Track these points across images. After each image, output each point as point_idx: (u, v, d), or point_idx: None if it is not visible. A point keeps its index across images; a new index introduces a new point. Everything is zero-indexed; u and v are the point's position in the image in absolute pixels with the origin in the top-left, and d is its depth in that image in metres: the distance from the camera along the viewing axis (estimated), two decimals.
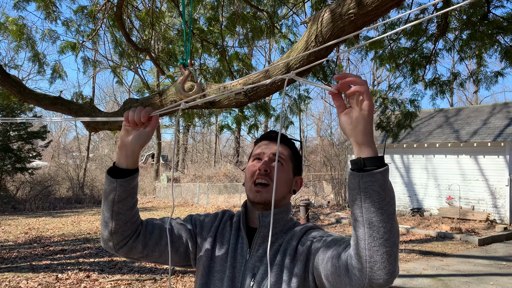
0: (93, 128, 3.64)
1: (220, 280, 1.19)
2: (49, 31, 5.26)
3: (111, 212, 1.13)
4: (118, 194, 1.12)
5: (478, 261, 7.97)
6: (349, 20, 2.04)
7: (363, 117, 0.93)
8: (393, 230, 0.92)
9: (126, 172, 1.13)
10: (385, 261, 0.92)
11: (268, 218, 1.20)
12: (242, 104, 2.67)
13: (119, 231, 1.15)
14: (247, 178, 1.26)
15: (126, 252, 1.19)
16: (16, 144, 17.52)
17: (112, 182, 1.11)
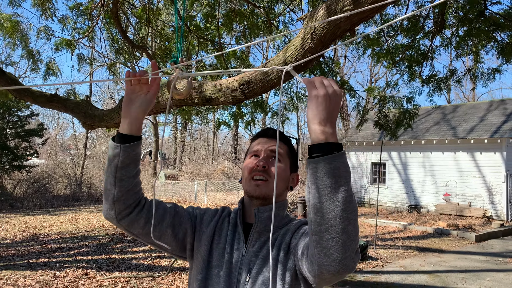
0: (89, 126, 3.62)
1: (217, 275, 1.20)
2: (44, 28, 5.24)
3: (114, 178, 1.14)
4: (121, 160, 1.12)
5: (475, 257, 8.01)
6: (345, 16, 2.04)
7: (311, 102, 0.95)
8: (340, 217, 0.90)
9: (130, 138, 1.14)
10: (331, 247, 0.91)
11: (264, 214, 1.22)
12: (239, 101, 2.67)
13: (122, 199, 1.15)
14: (245, 174, 1.27)
15: (128, 225, 1.18)
16: (13, 142, 17.45)
17: (115, 147, 1.13)
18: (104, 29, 5.62)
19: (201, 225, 1.29)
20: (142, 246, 8.47)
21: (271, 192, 1.22)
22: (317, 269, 0.96)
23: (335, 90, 0.96)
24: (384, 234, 10.42)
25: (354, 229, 0.93)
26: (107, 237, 9.45)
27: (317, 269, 0.96)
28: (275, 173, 1.08)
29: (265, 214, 1.22)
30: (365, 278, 6.33)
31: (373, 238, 9.12)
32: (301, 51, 2.28)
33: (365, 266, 7.07)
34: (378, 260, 7.47)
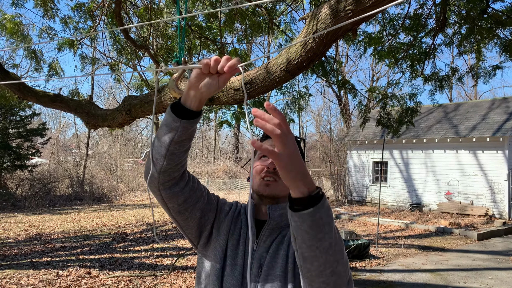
0: (92, 125, 3.64)
1: (232, 267, 1.21)
2: (46, 28, 5.25)
3: (165, 151, 1.10)
4: (178, 135, 1.08)
5: (477, 255, 8.01)
6: (347, 16, 2.05)
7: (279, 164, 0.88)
8: (328, 262, 0.92)
9: (190, 114, 1.08)
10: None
11: (277, 212, 1.25)
12: (241, 101, 2.68)
13: (169, 171, 1.13)
14: (254, 174, 1.29)
15: (168, 197, 1.17)
16: (15, 142, 17.50)
17: (175, 121, 1.07)
18: (106, 29, 5.63)
19: (221, 215, 1.31)
20: (145, 245, 8.50)
21: (280, 192, 1.26)
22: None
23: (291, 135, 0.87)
24: (386, 233, 10.42)
25: (343, 267, 0.95)
26: (110, 236, 9.48)
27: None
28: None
29: (278, 212, 1.25)
30: (367, 277, 6.34)
31: (375, 236, 9.12)
32: (303, 50, 2.29)
33: (367, 264, 7.07)
34: (380, 259, 7.48)
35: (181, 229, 1.28)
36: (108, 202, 18.24)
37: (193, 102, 1.07)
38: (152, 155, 1.13)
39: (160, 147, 1.11)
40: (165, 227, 11.07)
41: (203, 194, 1.26)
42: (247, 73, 2.58)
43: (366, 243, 7.43)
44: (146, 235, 9.70)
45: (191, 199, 1.21)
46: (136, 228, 10.72)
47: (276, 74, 2.41)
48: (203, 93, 1.05)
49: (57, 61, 5.31)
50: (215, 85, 1.04)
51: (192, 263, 6.95)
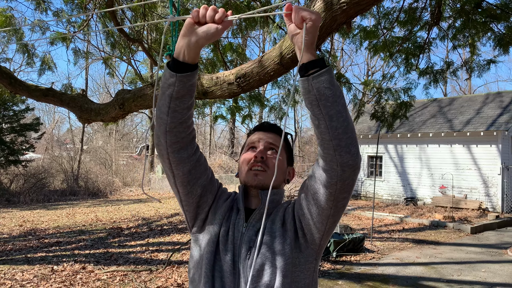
0: (85, 120, 3.61)
1: (223, 251, 1.22)
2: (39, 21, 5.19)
3: (167, 108, 1.11)
4: (176, 90, 1.09)
5: (470, 249, 8.08)
6: (342, 9, 2.03)
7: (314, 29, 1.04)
8: (348, 118, 1.07)
9: (186, 67, 1.08)
10: (349, 144, 1.06)
11: (270, 197, 1.27)
12: (235, 94, 2.66)
13: (174, 131, 1.14)
14: (243, 166, 1.30)
15: (175, 162, 1.18)
16: (9, 137, 17.37)
17: (171, 76, 1.08)
18: (99, 22, 5.57)
19: (219, 200, 1.31)
20: (140, 240, 8.49)
21: (269, 182, 1.24)
22: (339, 170, 1.08)
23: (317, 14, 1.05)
24: (381, 227, 10.48)
25: (354, 126, 1.11)
26: (105, 231, 9.46)
27: (340, 170, 1.08)
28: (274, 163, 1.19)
29: (270, 197, 1.27)
30: (361, 270, 6.38)
31: (369, 230, 9.17)
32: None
33: (362, 258, 7.12)
34: (374, 253, 7.52)
35: (181, 204, 1.29)
36: (103, 197, 18.18)
37: (186, 53, 1.07)
38: (157, 116, 1.14)
39: (162, 106, 1.12)
40: (161, 221, 11.07)
41: (207, 172, 1.27)
42: (241, 66, 2.57)
43: (361, 237, 7.47)
44: (142, 230, 9.69)
45: (195, 172, 1.22)
46: (131, 223, 10.71)
47: (270, 68, 2.39)
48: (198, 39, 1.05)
49: (50, 55, 5.25)
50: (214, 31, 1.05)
51: (187, 258, 6.96)
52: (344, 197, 1.14)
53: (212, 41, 1.08)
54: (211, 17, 1.03)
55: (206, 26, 1.04)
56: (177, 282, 5.59)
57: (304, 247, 1.21)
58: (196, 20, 1.05)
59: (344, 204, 1.16)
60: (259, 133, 1.35)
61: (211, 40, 1.07)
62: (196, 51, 1.07)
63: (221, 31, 1.05)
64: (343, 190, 1.12)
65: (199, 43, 1.05)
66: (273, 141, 1.32)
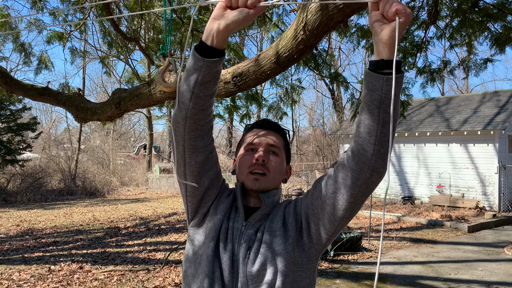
0: (82, 119, 3.60)
1: (223, 249, 1.20)
2: (35, 20, 5.17)
3: (191, 93, 1.08)
4: (202, 75, 1.06)
5: (467, 247, 8.10)
6: (338, 7, 2.03)
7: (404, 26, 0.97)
8: (395, 127, 1.03)
9: (214, 52, 1.05)
10: (386, 152, 1.05)
11: (271, 198, 1.25)
12: (232, 94, 2.66)
13: (194, 117, 1.11)
14: (242, 167, 1.28)
15: (190, 149, 1.16)
16: (5, 136, 17.31)
17: (198, 60, 1.05)
18: (96, 21, 5.55)
19: (222, 196, 1.29)
20: (137, 240, 8.48)
21: (269, 186, 1.26)
22: (368, 174, 1.06)
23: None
24: (378, 226, 10.50)
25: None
26: (102, 231, 9.44)
27: (369, 174, 1.06)
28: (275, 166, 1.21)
29: (270, 198, 1.25)
30: (359, 269, 6.39)
31: (367, 229, 9.19)
32: (294, 42, 2.27)
33: (360, 257, 7.13)
34: (372, 252, 7.54)
35: (185, 195, 1.27)
36: (101, 197, 18.15)
37: (215, 37, 1.04)
38: (179, 100, 1.11)
39: (186, 91, 1.09)
40: (158, 221, 11.06)
41: (217, 166, 1.26)
42: (238, 65, 2.56)
43: (358, 236, 7.48)
44: (139, 230, 9.67)
45: (207, 163, 1.21)
46: (129, 223, 10.69)
47: (266, 67, 2.39)
48: (228, 23, 1.02)
49: (47, 54, 5.23)
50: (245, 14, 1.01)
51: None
52: (362, 201, 1.13)
53: (242, 26, 1.05)
54: (244, 1, 1.01)
55: (238, 10, 1.01)
56: (174, 282, 5.58)
57: (307, 247, 1.19)
58: (228, 4, 1.02)
59: (359, 207, 1.15)
60: (258, 133, 1.32)
61: (241, 26, 1.04)
62: (225, 36, 1.04)
63: (252, 16, 1.02)
64: (364, 193, 1.11)
65: (229, 27, 1.02)
66: (273, 142, 1.30)
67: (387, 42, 0.97)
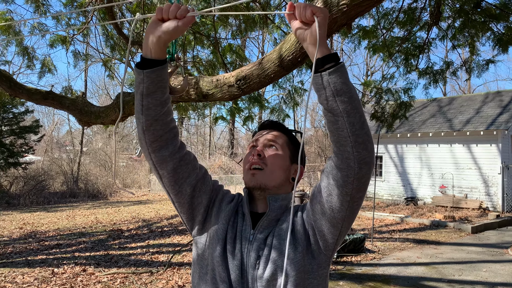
0: (85, 123, 3.60)
1: (231, 258, 1.19)
2: (38, 24, 5.19)
3: (141, 106, 1.11)
4: (146, 86, 1.09)
5: (471, 248, 8.07)
6: (342, 11, 2.03)
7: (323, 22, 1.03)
8: (363, 113, 1.06)
9: (153, 63, 1.08)
10: (365, 141, 1.05)
11: (278, 202, 1.23)
12: (235, 97, 2.66)
13: (150, 129, 1.13)
14: (244, 166, 1.28)
15: (158, 161, 1.18)
16: (8, 139, 17.36)
17: (139, 73, 1.09)
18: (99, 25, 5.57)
19: (221, 203, 1.28)
20: (140, 242, 8.48)
21: (268, 181, 1.23)
22: (356, 168, 1.06)
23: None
24: (381, 227, 10.48)
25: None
26: (105, 233, 9.45)
27: (357, 167, 1.06)
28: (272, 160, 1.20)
29: (278, 203, 1.24)
30: (362, 271, 6.38)
31: (370, 231, 9.17)
32: (298, 45, 2.27)
33: (363, 258, 7.11)
34: (375, 253, 7.52)
35: (175, 206, 1.27)
36: (103, 199, 18.18)
37: (152, 49, 1.07)
38: (135, 116, 1.15)
39: (137, 105, 1.12)
40: (161, 223, 11.06)
41: (197, 171, 1.24)
42: (242, 69, 2.56)
43: (362, 237, 7.47)
44: (142, 232, 9.68)
45: (181, 170, 1.19)
46: (132, 225, 10.70)
47: (270, 70, 2.39)
48: (161, 35, 1.06)
49: (50, 58, 5.25)
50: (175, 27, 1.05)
51: (188, 259, 6.95)
52: (360, 197, 1.13)
53: (175, 36, 1.09)
54: (173, 13, 1.05)
55: (167, 22, 1.06)
56: (178, 284, 5.58)
57: (316, 254, 1.18)
58: (160, 18, 1.06)
59: (359, 204, 1.14)
60: (260, 132, 1.33)
61: (174, 36, 1.07)
62: (161, 47, 1.08)
63: (182, 27, 1.06)
64: (359, 188, 1.10)
65: (161, 39, 1.06)
66: (272, 137, 1.29)
67: (313, 42, 1.04)
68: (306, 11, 1.03)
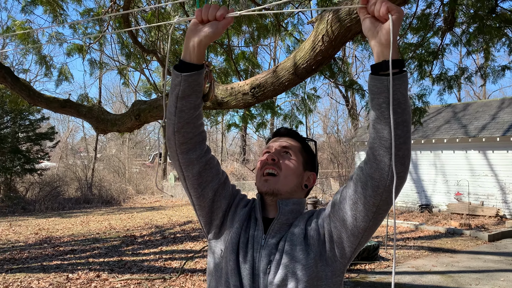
0: (102, 130, 3.66)
1: (243, 263, 1.19)
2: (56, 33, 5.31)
3: (174, 108, 1.13)
4: (182, 89, 1.11)
5: (488, 257, 7.92)
6: (356, 19, 2.04)
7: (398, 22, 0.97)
8: (410, 128, 1.03)
9: (192, 67, 1.11)
10: (405, 156, 1.03)
11: (288, 207, 1.23)
12: (250, 105, 2.68)
13: (181, 131, 1.15)
14: (257, 171, 1.29)
15: (185, 163, 1.19)
16: (24, 146, 17.69)
17: (177, 76, 1.11)
18: (114, 33, 5.67)
19: (237, 207, 1.29)
20: (153, 248, 8.53)
21: (280, 187, 1.24)
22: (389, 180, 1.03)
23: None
24: (396, 234, 10.34)
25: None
26: (118, 239, 9.53)
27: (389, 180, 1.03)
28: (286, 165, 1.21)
29: (289, 207, 1.23)
30: (376, 279, 6.30)
31: (384, 238, 9.06)
32: (312, 54, 2.28)
33: (377, 266, 7.03)
34: (389, 261, 7.42)
35: (194, 209, 1.29)
36: (117, 205, 18.34)
37: (192, 54, 1.10)
38: (167, 116, 1.17)
39: (170, 106, 1.14)
40: (174, 229, 11.11)
41: (219, 176, 1.26)
42: (256, 77, 2.58)
43: (375, 245, 7.39)
44: (155, 238, 9.73)
45: (205, 174, 1.21)
46: (145, 231, 10.77)
47: (284, 78, 2.40)
48: (202, 38, 1.08)
49: (67, 66, 5.36)
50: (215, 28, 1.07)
51: (201, 266, 6.96)
52: (386, 209, 1.10)
53: (215, 39, 1.10)
54: (213, 15, 1.06)
55: (208, 25, 1.07)
56: None
57: (331, 261, 1.17)
58: (200, 20, 1.08)
59: (383, 216, 1.12)
60: (275, 139, 1.35)
61: (213, 38, 1.09)
62: (200, 51, 1.10)
63: (222, 29, 1.08)
64: (387, 201, 1.07)
65: (202, 43, 1.08)
66: (287, 144, 1.30)
67: (384, 42, 0.97)
68: (381, 7, 0.97)
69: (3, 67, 3.74)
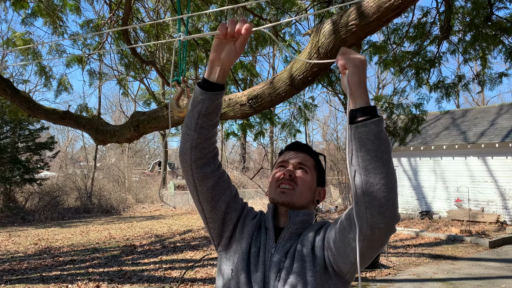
0: (101, 141, 3.68)
1: (254, 272, 1.22)
2: (55, 45, 5.36)
3: (195, 124, 1.16)
4: (205, 107, 1.14)
5: (489, 263, 7.89)
6: (351, 31, 2.07)
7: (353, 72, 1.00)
8: (389, 176, 0.99)
9: (215, 86, 1.14)
10: (383, 205, 0.99)
11: (299, 217, 1.26)
12: (248, 115, 2.71)
13: (199, 146, 1.18)
14: (271, 183, 1.32)
15: (199, 178, 1.21)
16: (24, 155, 17.69)
17: (201, 93, 1.14)
18: (113, 44, 5.72)
19: (246, 219, 1.32)
20: (153, 258, 8.50)
21: (296, 200, 1.27)
22: (368, 230, 1.02)
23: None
24: (396, 242, 10.32)
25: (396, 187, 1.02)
26: (118, 249, 9.49)
27: (369, 230, 1.02)
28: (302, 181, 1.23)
29: (299, 217, 1.27)
30: (378, 287, 6.28)
31: (384, 245, 9.03)
32: (308, 65, 2.31)
33: (378, 274, 7.00)
34: (390, 268, 7.40)
35: (206, 222, 1.30)
36: (116, 214, 18.29)
37: (216, 74, 1.14)
38: (184, 132, 1.19)
39: (190, 122, 1.17)
40: (173, 238, 11.08)
41: (231, 189, 1.29)
42: (253, 88, 2.61)
43: None
44: (155, 247, 9.70)
45: (218, 187, 1.24)
46: (145, 240, 10.73)
47: (281, 89, 2.43)
48: (224, 63, 1.13)
49: (66, 77, 5.40)
50: (233, 51, 1.12)
51: (201, 276, 6.93)
52: (371, 252, 1.10)
53: (236, 59, 1.16)
54: (232, 30, 1.09)
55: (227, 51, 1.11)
56: None
57: (333, 275, 1.20)
58: (223, 36, 1.11)
59: (371, 256, 1.12)
60: (289, 152, 1.37)
61: (235, 60, 1.14)
62: (224, 75, 1.15)
63: (240, 49, 1.12)
64: (371, 247, 1.07)
65: (227, 68, 1.14)
66: (303, 160, 1.33)
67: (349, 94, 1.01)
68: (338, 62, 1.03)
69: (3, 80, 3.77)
